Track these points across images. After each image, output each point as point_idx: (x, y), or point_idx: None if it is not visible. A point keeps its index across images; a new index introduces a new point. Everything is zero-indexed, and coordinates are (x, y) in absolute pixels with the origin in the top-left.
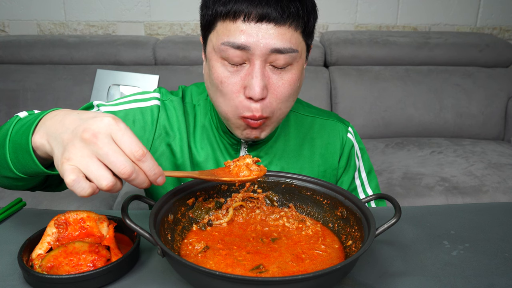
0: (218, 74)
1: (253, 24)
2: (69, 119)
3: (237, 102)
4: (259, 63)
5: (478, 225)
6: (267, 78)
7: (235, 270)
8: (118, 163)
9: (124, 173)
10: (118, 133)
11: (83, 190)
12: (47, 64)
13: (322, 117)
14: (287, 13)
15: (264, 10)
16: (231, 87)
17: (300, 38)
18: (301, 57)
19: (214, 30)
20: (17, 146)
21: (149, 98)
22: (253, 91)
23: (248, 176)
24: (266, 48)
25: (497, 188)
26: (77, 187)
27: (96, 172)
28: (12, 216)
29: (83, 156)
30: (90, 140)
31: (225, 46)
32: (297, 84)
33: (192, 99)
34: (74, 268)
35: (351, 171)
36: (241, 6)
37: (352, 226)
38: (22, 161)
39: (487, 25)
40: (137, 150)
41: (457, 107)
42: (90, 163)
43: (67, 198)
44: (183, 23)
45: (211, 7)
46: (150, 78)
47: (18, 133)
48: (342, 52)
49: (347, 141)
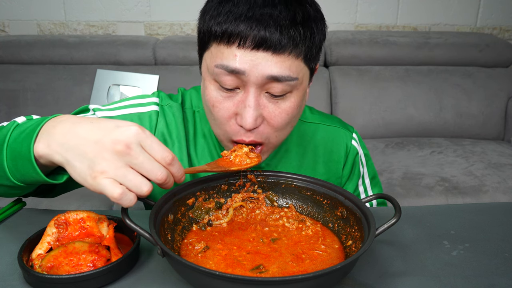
0: (211, 97)
1: (249, 51)
2: (82, 128)
3: (228, 127)
4: (254, 91)
5: (478, 225)
6: (262, 107)
7: (235, 270)
8: (154, 170)
9: (160, 179)
10: (146, 140)
11: (130, 201)
12: (47, 64)
13: (325, 123)
14: (287, 39)
15: (261, 33)
16: (222, 113)
17: (301, 65)
18: (301, 84)
19: (209, 50)
20: (16, 154)
21: (147, 103)
22: (244, 120)
23: (251, 163)
24: (262, 75)
25: (497, 188)
26: (125, 199)
27: (134, 181)
28: (12, 216)
29: (117, 168)
30: (124, 151)
31: (219, 69)
32: (296, 111)
33: (192, 105)
34: (74, 268)
35: (355, 179)
36: (237, 28)
37: (352, 226)
38: (21, 169)
39: (487, 25)
40: (167, 155)
41: (457, 107)
42: (126, 174)
43: (67, 198)
44: (183, 23)
45: (207, 22)
46: (150, 78)
47: (17, 141)
48: (342, 52)
49: (351, 148)
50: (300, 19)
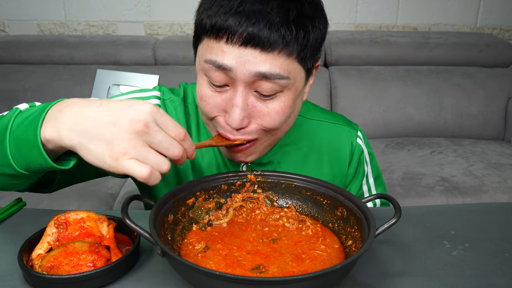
0: (200, 90)
1: (237, 47)
2: (92, 111)
3: (215, 122)
4: (242, 89)
5: (478, 225)
6: (251, 107)
7: (235, 270)
8: (171, 148)
9: (177, 156)
10: (161, 118)
11: (157, 179)
12: (47, 64)
13: (330, 121)
14: (276, 37)
15: (249, 30)
16: (210, 107)
17: (294, 65)
18: (294, 84)
19: (201, 43)
20: (21, 141)
21: (148, 96)
22: (231, 120)
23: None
24: (250, 73)
25: (497, 188)
26: (153, 178)
27: (155, 159)
28: (12, 216)
29: (136, 147)
30: (143, 131)
31: (208, 65)
32: (287, 112)
33: (194, 99)
34: (74, 268)
35: (360, 178)
36: (225, 22)
37: (352, 226)
38: (26, 156)
39: (487, 25)
40: (180, 131)
41: (457, 107)
42: (147, 153)
43: (67, 198)
44: (183, 23)
45: (200, 14)
46: (150, 78)
47: (21, 127)
48: (342, 52)
49: (356, 146)
50: (293, 17)
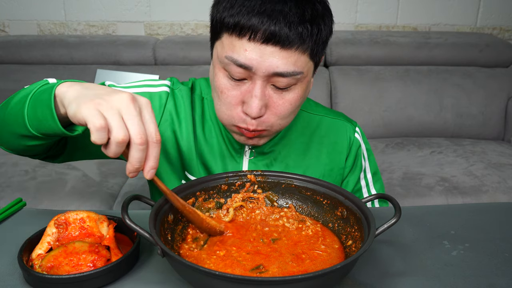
0: (220, 83)
1: (259, 45)
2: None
3: (234, 113)
4: (260, 83)
5: (478, 225)
6: (267, 97)
7: (235, 270)
8: (138, 129)
9: (138, 140)
10: (148, 114)
11: (103, 140)
12: (47, 64)
13: (330, 116)
14: (295, 35)
15: (271, 28)
16: (230, 99)
17: (306, 60)
18: (306, 77)
19: (220, 39)
20: (38, 102)
21: (159, 84)
22: (250, 109)
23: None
24: (268, 71)
25: (497, 188)
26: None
27: (115, 123)
28: (12, 216)
29: (112, 108)
30: (128, 100)
31: (228, 61)
32: (298, 102)
33: (202, 92)
34: (74, 268)
35: (357, 171)
36: (249, 21)
37: (352, 226)
38: (40, 116)
39: (487, 25)
40: (156, 134)
41: (457, 107)
42: (114, 115)
43: (67, 198)
44: (183, 23)
45: (220, 12)
46: (150, 78)
47: (40, 90)
48: (342, 52)
49: (354, 140)
50: (309, 16)
